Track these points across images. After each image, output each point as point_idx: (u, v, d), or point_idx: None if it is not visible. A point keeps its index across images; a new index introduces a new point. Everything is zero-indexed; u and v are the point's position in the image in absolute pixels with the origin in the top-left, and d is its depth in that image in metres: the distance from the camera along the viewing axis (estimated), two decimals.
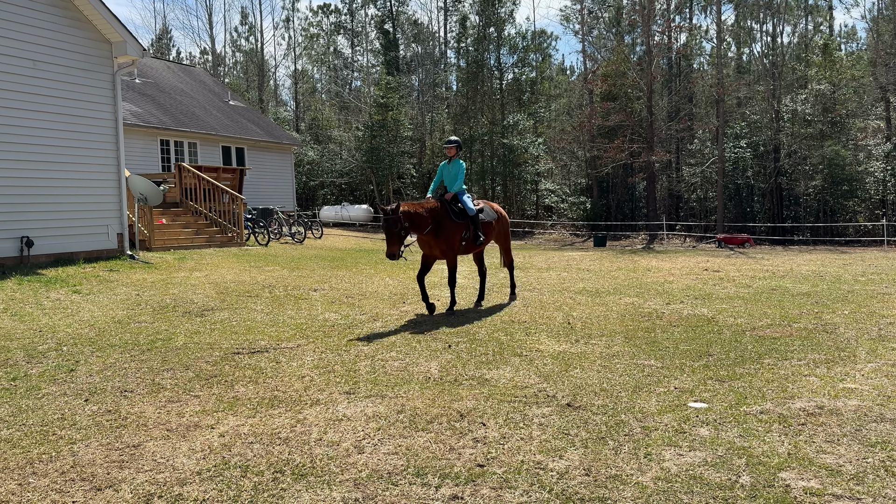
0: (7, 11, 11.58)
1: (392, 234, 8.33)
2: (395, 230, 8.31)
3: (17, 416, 4.97)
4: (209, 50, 56.56)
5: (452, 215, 9.04)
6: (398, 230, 8.32)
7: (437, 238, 8.90)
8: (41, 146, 12.17)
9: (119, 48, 13.43)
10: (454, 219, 9.03)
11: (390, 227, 8.32)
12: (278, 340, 7.46)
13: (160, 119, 24.20)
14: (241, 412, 5.11)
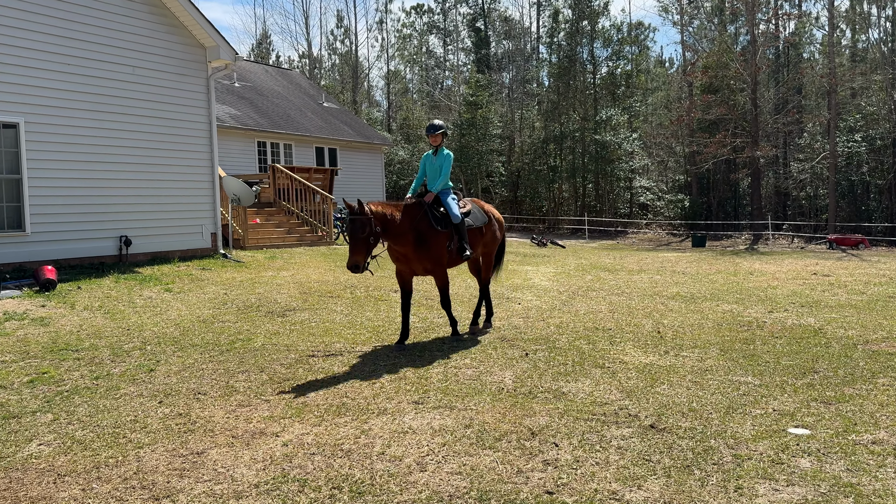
0: (107, 20, 12.13)
1: (358, 239, 6.55)
2: (361, 235, 6.54)
3: (94, 417, 5.05)
4: (306, 53, 58.26)
5: (434, 222, 7.22)
6: (366, 235, 6.57)
7: (419, 251, 7.10)
8: (139, 149, 12.70)
9: (213, 52, 13.84)
10: (436, 226, 7.21)
11: (356, 230, 6.56)
12: (354, 343, 7.37)
13: (257, 121, 24.99)
14: (308, 419, 5.00)
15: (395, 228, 6.89)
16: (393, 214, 6.92)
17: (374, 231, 6.64)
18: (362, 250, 6.58)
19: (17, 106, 10.90)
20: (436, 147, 7.69)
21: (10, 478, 4.01)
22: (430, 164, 7.71)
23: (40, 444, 4.54)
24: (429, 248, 7.12)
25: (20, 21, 10.89)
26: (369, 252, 6.69)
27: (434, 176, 7.62)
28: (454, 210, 7.39)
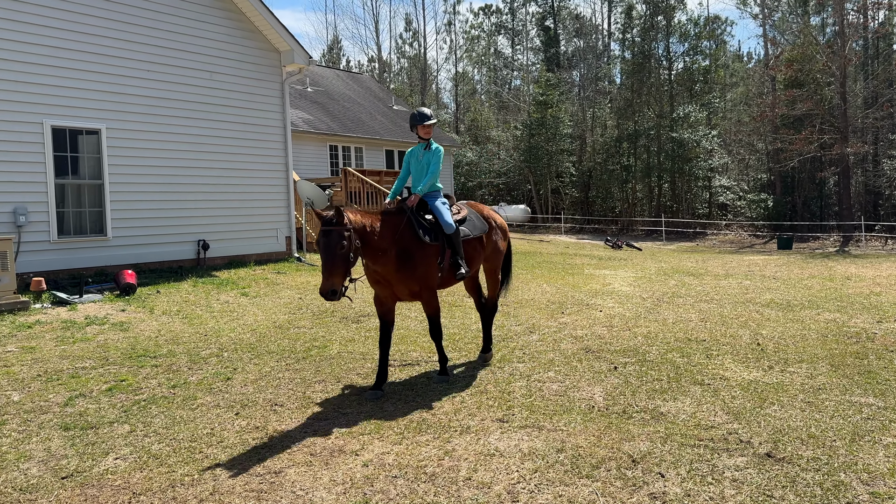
0: (187, 26, 12.29)
1: (334, 255, 5.08)
2: (338, 250, 5.08)
3: (170, 429, 4.92)
4: (375, 57, 58.78)
5: (421, 232, 5.77)
6: (344, 251, 5.11)
7: (402, 270, 5.64)
8: (216, 154, 12.82)
9: (287, 57, 13.88)
10: (423, 238, 5.75)
11: (332, 245, 5.09)
12: (430, 352, 7.07)
13: (329, 125, 25.19)
14: (388, 436, 4.72)
15: (374, 243, 5.47)
16: (373, 226, 5.50)
17: (353, 245, 5.19)
18: (340, 271, 5.08)
19: (100, 112, 11.13)
20: (425, 141, 6.29)
21: (86, 495, 3.87)
22: (417, 160, 6.29)
23: (116, 458, 4.42)
24: (414, 265, 5.67)
25: (103, 30, 11.12)
26: (348, 273, 5.19)
27: (420, 175, 6.22)
28: (446, 217, 5.94)
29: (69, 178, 10.87)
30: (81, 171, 11.03)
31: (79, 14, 10.81)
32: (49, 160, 10.49)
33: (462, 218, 6.29)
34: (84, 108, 10.92)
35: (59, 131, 10.69)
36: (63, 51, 10.64)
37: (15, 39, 10.09)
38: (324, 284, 5.05)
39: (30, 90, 10.27)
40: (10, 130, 10.08)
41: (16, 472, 4.18)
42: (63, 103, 10.67)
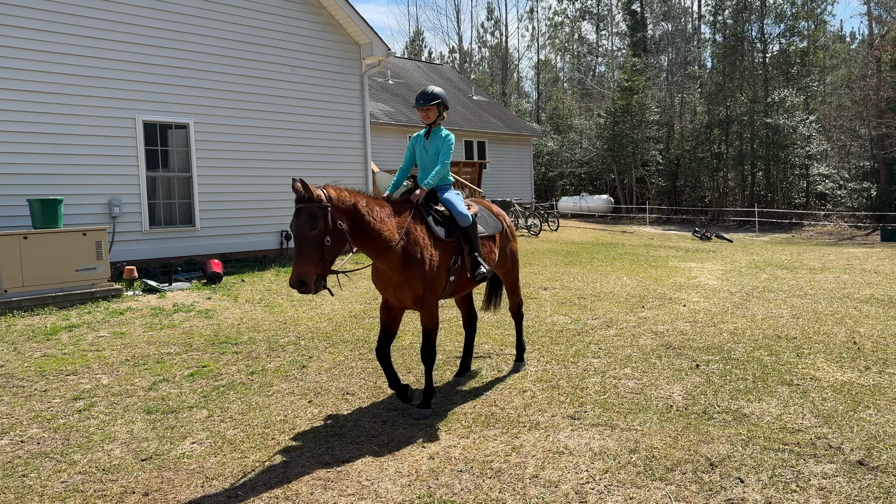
0: (270, 21, 12.61)
1: (303, 238, 4.23)
2: (307, 231, 4.22)
3: (246, 415, 5.04)
4: (456, 48, 58.79)
5: (434, 225, 5.01)
6: (316, 232, 4.23)
7: (408, 268, 4.77)
8: (297, 146, 13.12)
9: (366, 49, 14.02)
10: (435, 234, 4.98)
11: (300, 225, 4.24)
12: (502, 345, 6.99)
13: (409, 117, 25.38)
14: (455, 430, 4.68)
15: (372, 229, 4.55)
16: (370, 207, 4.61)
17: (334, 228, 4.30)
18: (312, 257, 4.19)
19: (188, 107, 11.57)
20: (429, 125, 5.38)
21: (163, 477, 4.02)
22: (422, 149, 5.44)
23: (193, 442, 4.56)
24: (422, 263, 4.77)
25: (191, 27, 11.54)
26: (326, 260, 4.25)
27: (427, 165, 5.41)
28: (460, 208, 5.16)
29: (159, 170, 11.37)
30: (171, 164, 11.52)
31: (169, 13, 11.25)
32: (141, 154, 11.01)
33: (474, 213, 5.46)
34: (173, 104, 11.39)
35: (150, 126, 11.19)
36: (154, 48, 11.11)
37: (110, 39, 10.61)
38: (293, 273, 4.18)
39: (123, 87, 10.79)
40: (106, 126, 10.63)
41: (100, 453, 4.38)
42: (154, 99, 11.15)
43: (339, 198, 4.45)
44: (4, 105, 9.59)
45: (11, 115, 9.66)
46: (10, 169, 9.66)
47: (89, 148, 10.46)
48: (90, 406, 5.27)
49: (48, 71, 9.97)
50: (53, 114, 10.04)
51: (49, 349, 6.89)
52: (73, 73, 10.24)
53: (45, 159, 9.99)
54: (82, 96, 10.36)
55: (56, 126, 10.08)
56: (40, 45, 9.87)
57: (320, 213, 4.27)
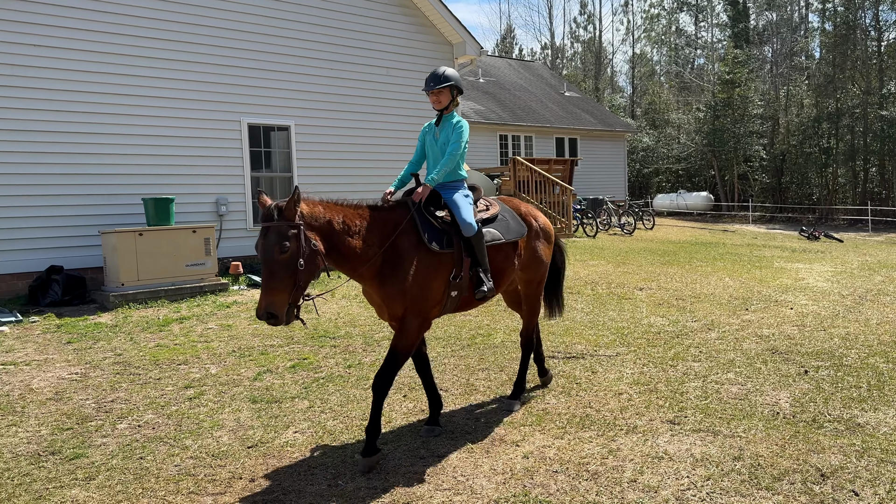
0: (366, 24, 12.90)
1: (272, 263, 3.69)
2: (277, 255, 3.68)
3: (344, 407, 5.20)
4: (548, 44, 58.20)
5: (427, 235, 4.29)
6: (287, 256, 3.69)
7: (390, 283, 4.17)
8: (390, 146, 13.36)
9: (459, 49, 14.11)
10: (430, 243, 4.27)
11: (268, 247, 3.70)
12: (596, 346, 6.87)
13: (500, 115, 25.35)
14: (549, 430, 4.65)
15: (349, 248, 4.02)
16: (347, 224, 4.05)
17: (308, 249, 3.76)
18: (284, 285, 3.67)
19: (289, 110, 12.02)
20: (440, 111, 4.72)
21: (268, 465, 4.20)
22: (432, 139, 4.80)
23: (296, 431, 4.75)
24: (404, 279, 4.14)
25: (292, 31, 11.97)
26: (298, 286, 3.72)
27: (437, 158, 4.73)
28: (465, 214, 4.41)
29: (262, 171, 11.87)
30: (273, 165, 12.00)
31: (273, 19, 11.72)
32: (246, 155, 11.52)
33: (491, 216, 4.78)
34: (276, 107, 11.85)
35: (255, 128, 11.69)
36: (258, 54, 11.60)
37: (220, 45, 11.16)
38: (259, 303, 3.66)
39: (230, 91, 11.32)
40: (214, 129, 11.19)
41: (210, 439, 4.63)
42: (258, 103, 11.65)
43: (312, 214, 3.90)
44: (124, 110, 10.26)
45: (130, 119, 10.32)
46: (128, 170, 10.33)
47: (199, 150, 11.04)
48: (200, 394, 5.57)
49: (164, 77, 10.59)
50: (167, 118, 10.66)
51: (162, 339, 7.34)
52: (185, 78, 10.84)
53: (159, 160, 10.62)
54: (193, 101, 10.95)
55: (169, 129, 10.70)
56: (156, 53, 10.50)
57: (291, 232, 3.70)
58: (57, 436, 4.73)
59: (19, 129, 9.35)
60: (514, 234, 4.85)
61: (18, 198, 9.36)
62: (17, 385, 5.88)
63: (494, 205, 4.92)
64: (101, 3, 9.97)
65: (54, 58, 9.58)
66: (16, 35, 9.29)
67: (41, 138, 9.52)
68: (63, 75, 9.67)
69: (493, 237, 4.67)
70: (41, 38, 9.48)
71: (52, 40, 9.57)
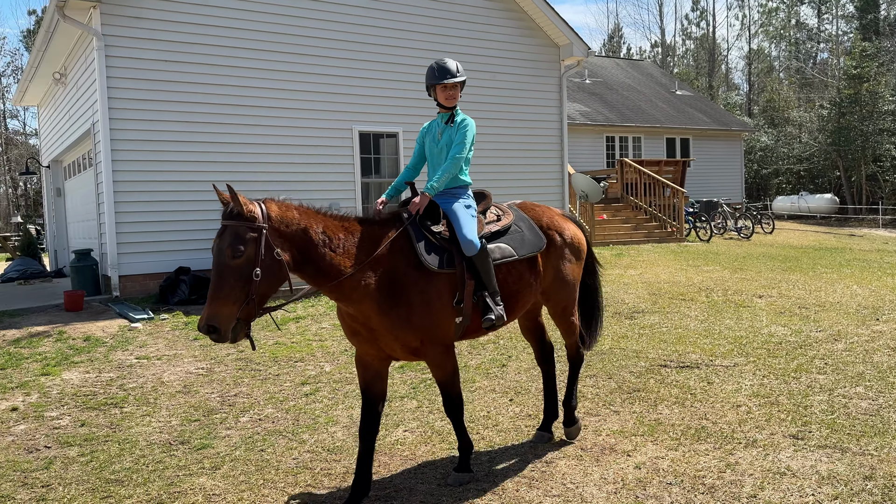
0: (472, 30, 13.01)
1: (222, 268, 3.22)
2: (229, 260, 3.22)
3: None
4: (658, 42, 56.47)
5: (425, 251, 3.75)
6: (241, 262, 3.22)
7: (390, 311, 3.63)
8: (493, 150, 13.38)
9: (566, 51, 13.97)
10: (428, 262, 3.72)
11: (222, 250, 3.23)
12: (712, 355, 6.60)
13: (606, 116, 24.86)
14: (663, 440, 4.51)
15: (326, 262, 3.47)
16: (328, 233, 3.53)
17: (268, 257, 3.27)
18: (232, 296, 3.18)
19: (397, 117, 12.30)
20: (450, 109, 4.23)
21: (379, 461, 4.32)
22: (432, 141, 4.28)
23: (405, 430, 4.86)
24: (409, 305, 3.64)
25: (400, 41, 12.26)
26: (250, 300, 3.22)
27: (438, 161, 4.20)
28: (465, 228, 3.82)
29: (372, 177, 12.21)
30: (382, 171, 12.33)
31: (382, 29, 12.05)
32: (356, 161, 11.90)
33: (502, 229, 4.11)
34: (385, 114, 12.17)
35: (365, 136, 12.05)
36: (368, 63, 11.96)
37: (331, 56, 11.60)
38: (203, 314, 3.16)
39: (342, 101, 11.73)
40: (327, 137, 11.63)
41: (325, 434, 4.82)
42: (368, 111, 12.00)
43: (282, 217, 3.41)
44: (244, 120, 10.84)
45: (250, 129, 10.89)
46: (248, 176, 10.90)
47: (313, 157, 11.51)
48: (315, 391, 5.81)
49: (281, 88, 11.11)
50: (284, 127, 11.18)
51: (280, 338, 7.70)
52: (300, 89, 11.33)
53: (277, 168, 11.15)
54: (308, 111, 11.42)
55: (286, 138, 11.21)
56: (273, 66, 11.03)
57: (250, 235, 3.23)
58: (186, 426, 5.07)
59: (150, 140, 10.07)
60: (529, 248, 4.15)
61: (150, 203, 10.08)
62: (149, 378, 6.35)
63: (508, 213, 4.25)
64: (225, 19, 10.58)
65: (178, 72, 10.26)
66: (148, 52, 10.03)
67: (169, 147, 10.21)
68: (189, 87, 10.34)
69: (503, 254, 4.00)
70: (166, 53, 10.17)
71: (176, 55, 10.25)
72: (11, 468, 4.38)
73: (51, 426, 5.16)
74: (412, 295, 3.65)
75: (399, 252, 3.70)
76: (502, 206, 4.37)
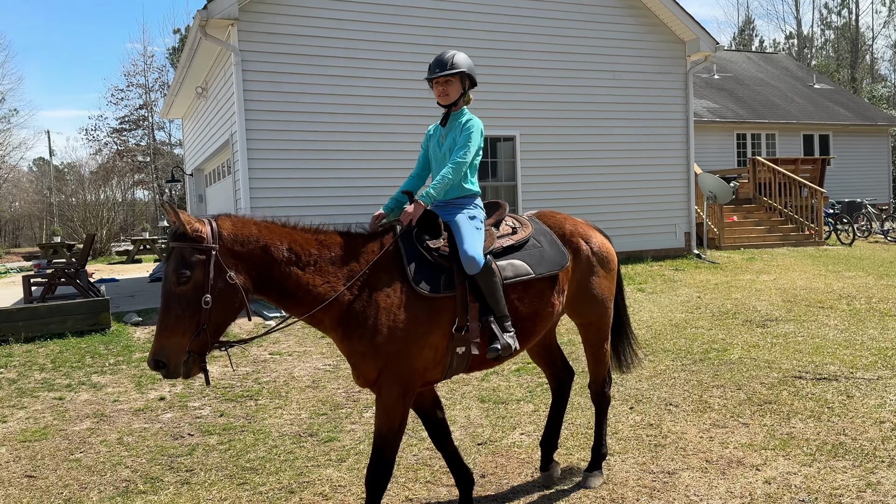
0: (593, 30, 12.82)
1: (172, 299, 2.88)
2: (178, 288, 2.87)
3: (569, 414, 5.20)
4: (794, 33, 53.00)
5: (414, 272, 3.25)
6: (192, 289, 2.88)
7: (354, 337, 3.17)
8: (614, 151, 13.13)
9: (692, 46, 13.47)
10: (416, 284, 3.23)
11: (167, 275, 2.92)
12: (852, 367, 6.14)
13: (736, 112, 23.66)
14: (795, 456, 4.26)
15: (301, 285, 3.09)
16: (300, 250, 3.13)
17: (218, 281, 2.91)
18: (180, 326, 2.85)
19: (514, 121, 12.33)
20: (446, 108, 3.75)
21: (496, 462, 4.36)
22: (436, 144, 3.80)
23: (521, 433, 4.88)
24: (379, 329, 3.14)
25: (518, 44, 12.28)
26: (201, 330, 2.88)
27: (440, 164, 3.71)
28: (467, 243, 3.31)
29: (489, 180, 12.30)
30: (499, 174, 12.40)
31: (501, 33, 12.11)
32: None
33: (517, 243, 3.58)
34: (502, 118, 12.23)
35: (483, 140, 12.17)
36: (487, 68, 12.02)
37: None
38: (152, 348, 2.86)
39: None
40: None
41: None
42: (486, 115, 12.02)
43: (236, 235, 3.00)
44: (367, 128, 11.21)
45: (371, 137, 11.25)
46: (369, 182, 11.26)
47: None
48: None
49: (400, 96, 11.41)
50: (403, 133, 11.44)
51: None
52: (418, 96, 11.54)
53: (397, 173, 11.35)
54: (426, 117, 11.63)
55: (405, 144, 11.42)
56: (394, 74, 11.37)
57: (197, 258, 2.88)
58: (314, 419, 5.35)
59: (282, 149, 10.66)
60: (549, 265, 3.60)
61: (282, 209, 10.60)
62: (282, 373, 6.74)
63: (526, 226, 3.71)
64: (350, 31, 11.01)
65: (307, 83, 10.78)
66: (281, 66, 10.62)
67: (299, 156, 10.75)
68: (316, 98, 10.84)
69: (517, 272, 3.47)
70: (296, 66, 10.72)
71: (305, 68, 10.78)
72: (160, 452, 4.80)
73: (193, 415, 5.60)
74: (388, 319, 3.14)
75: (383, 270, 3.22)
76: (520, 217, 3.81)
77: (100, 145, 39.44)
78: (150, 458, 4.71)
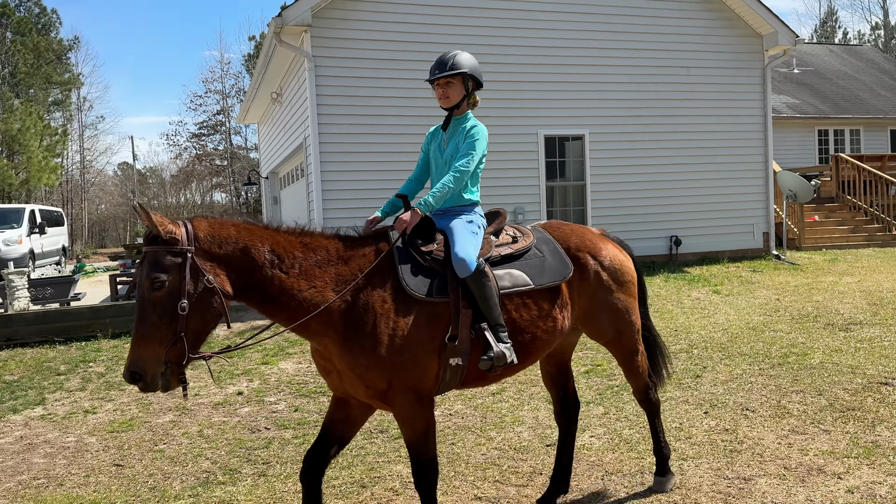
0: (664, 26, 12.54)
1: (147, 306, 2.71)
2: (152, 294, 2.70)
3: (641, 416, 5.12)
4: (880, 24, 50.37)
5: (406, 275, 3.10)
6: (167, 295, 2.70)
7: (352, 346, 3.00)
8: (689, 149, 12.80)
9: (770, 40, 13.01)
10: (410, 287, 3.08)
11: (141, 281, 2.74)
12: None
13: (818, 108, 22.69)
14: (881, 465, 4.08)
15: (284, 290, 2.94)
16: (284, 252, 2.98)
17: (195, 286, 2.75)
18: (156, 335, 2.69)
19: (583, 119, 12.20)
20: (448, 110, 3.58)
21: None
22: (437, 148, 3.63)
23: (592, 436, 4.83)
24: (378, 335, 3.00)
25: (588, 42, 12.14)
26: (178, 339, 2.71)
27: (441, 169, 3.56)
28: (459, 246, 3.17)
29: (557, 180, 12.21)
30: (567, 174, 12.29)
31: (569, 31, 12.01)
32: (541, 165, 11.97)
33: (516, 252, 3.39)
34: (571, 117, 12.12)
35: (550, 139, 12.08)
36: (555, 67, 11.97)
37: (519, 63, 11.77)
38: (128, 359, 2.70)
39: (528, 106, 11.86)
40: (513, 142, 11.81)
41: (511, 434, 4.94)
42: (553, 114, 12.02)
43: (213, 237, 2.84)
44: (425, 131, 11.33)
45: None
46: None
47: (499, 163, 11.72)
48: (502, 391, 5.95)
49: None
50: None
51: None
52: (487, 97, 11.57)
53: None
54: (495, 117, 11.63)
55: None
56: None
57: (171, 261, 2.72)
58: (383, 416, 5.44)
59: (353, 152, 10.86)
60: (551, 276, 3.39)
61: (353, 210, 10.85)
62: None
63: (527, 235, 3.51)
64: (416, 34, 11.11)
65: (377, 87, 10.93)
66: (352, 70, 10.83)
67: (369, 158, 10.93)
68: (386, 102, 11.00)
69: (514, 282, 3.29)
70: (367, 70, 10.91)
71: (375, 72, 10.95)
72: (238, 445, 4.99)
73: (269, 410, 5.79)
74: (382, 324, 3.00)
75: (376, 273, 3.09)
76: (522, 227, 3.63)
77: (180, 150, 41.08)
78: (228, 450, 4.91)
